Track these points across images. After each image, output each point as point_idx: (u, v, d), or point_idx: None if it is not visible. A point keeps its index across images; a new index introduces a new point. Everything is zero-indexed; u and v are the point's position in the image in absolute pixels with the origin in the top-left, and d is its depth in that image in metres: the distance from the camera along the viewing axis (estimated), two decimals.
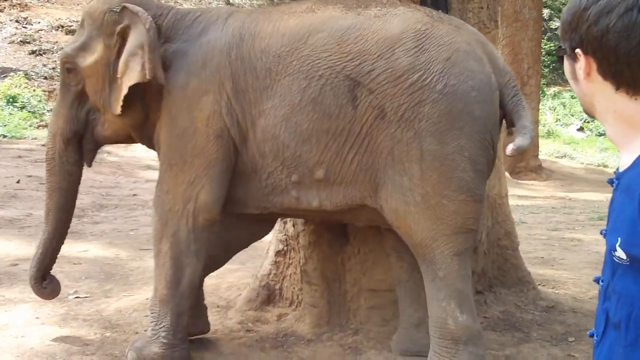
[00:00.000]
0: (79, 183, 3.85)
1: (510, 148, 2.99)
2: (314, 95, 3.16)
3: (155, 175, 9.66)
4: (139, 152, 10.49)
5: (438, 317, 3.16)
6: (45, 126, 12.38)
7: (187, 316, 3.55)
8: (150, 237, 6.29)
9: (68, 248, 5.82)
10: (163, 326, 3.48)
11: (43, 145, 10.85)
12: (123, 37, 3.45)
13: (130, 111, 3.47)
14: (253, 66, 3.29)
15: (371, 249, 3.85)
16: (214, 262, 3.84)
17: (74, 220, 6.86)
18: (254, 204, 3.45)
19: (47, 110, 13.07)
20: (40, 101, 13.12)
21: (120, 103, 3.40)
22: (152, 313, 3.54)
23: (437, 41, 3.12)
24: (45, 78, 14.19)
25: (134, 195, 8.64)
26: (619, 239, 1.30)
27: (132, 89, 3.36)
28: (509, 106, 3.21)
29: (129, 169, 10.30)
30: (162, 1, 3.84)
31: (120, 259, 5.66)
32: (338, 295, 3.95)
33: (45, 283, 3.88)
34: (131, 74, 3.36)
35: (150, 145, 3.67)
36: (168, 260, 3.45)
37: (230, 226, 3.68)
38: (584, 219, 8.43)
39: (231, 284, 4.80)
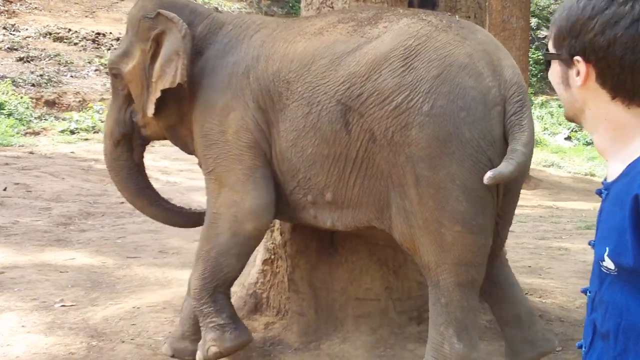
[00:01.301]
0: (142, 168, 4.02)
1: (487, 175, 2.78)
2: (314, 122, 3.18)
3: None
4: None
5: (435, 339, 3.12)
6: (32, 133, 12.35)
7: (224, 298, 3.57)
8: (137, 245, 6.32)
9: (54, 256, 5.80)
10: (205, 314, 3.51)
11: (30, 152, 10.85)
12: (157, 42, 3.59)
13: (164, 114, 3.63)
14: (267, 89, 3.35)
15: (359, 257, 3.85)
16: None
17: (60, 228, 6.90)
18: (286, 213, 3.51)
19: (35, 118, 13.00)
20: (27, 108, 13.02)
21: (153, 105, 3.56)
22: (195, 310, 3.56)
23: (428, 57, 2.97)
24: (33, 85, 14.08)
25: (122, 202, 8.51)
26: (607, 248, 1.30)
27: (166, 93, 3.51)
28: (507, 124, 2.96)
29: None
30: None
31: (107, 267, 5.62)
32: (325, 304, 3.94)
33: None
34: (165, 78, 3.50)
35: (185, 149, 3.81)
36: (208, 259, 3.51)
37: None
38: (572, 228, 8.46)
39: None
